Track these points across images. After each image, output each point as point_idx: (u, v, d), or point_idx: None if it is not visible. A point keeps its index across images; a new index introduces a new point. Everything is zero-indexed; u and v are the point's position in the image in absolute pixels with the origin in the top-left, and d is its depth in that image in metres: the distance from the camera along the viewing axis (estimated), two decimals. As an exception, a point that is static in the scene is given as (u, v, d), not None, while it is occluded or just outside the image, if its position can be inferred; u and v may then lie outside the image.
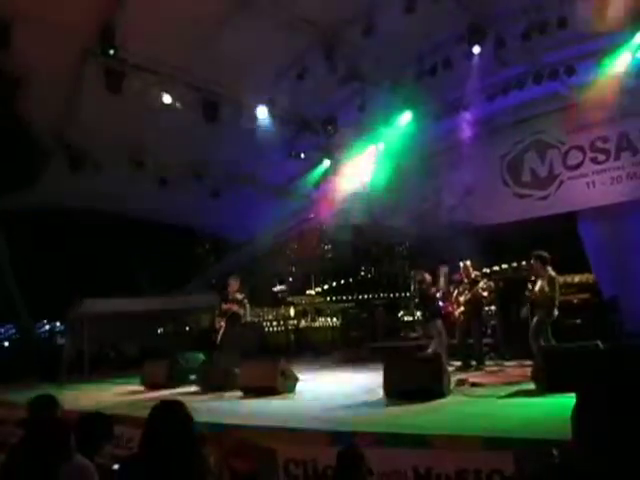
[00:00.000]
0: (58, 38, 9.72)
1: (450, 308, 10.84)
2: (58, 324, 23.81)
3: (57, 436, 3.19)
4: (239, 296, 10.56)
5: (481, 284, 10.27)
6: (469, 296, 10.22)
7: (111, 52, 9.72)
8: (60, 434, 3.23)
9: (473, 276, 10.39)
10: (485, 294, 10.34)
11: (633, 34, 10.57)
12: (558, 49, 10.88)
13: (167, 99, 11.17)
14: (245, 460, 5.64)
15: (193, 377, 10.33)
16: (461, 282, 10.52)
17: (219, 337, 10.42)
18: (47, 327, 25.45)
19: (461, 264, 10.54)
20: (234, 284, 10.71)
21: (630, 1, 9.67)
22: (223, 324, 10.41)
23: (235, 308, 10.42)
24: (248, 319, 10.77)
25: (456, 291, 10.65)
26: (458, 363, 9.93)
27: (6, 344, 22.76)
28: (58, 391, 5.09)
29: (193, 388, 9.83)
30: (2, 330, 25.77)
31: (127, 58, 10.16)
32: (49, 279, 20.09)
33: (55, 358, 14.63)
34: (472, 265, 10.55)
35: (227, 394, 8.84)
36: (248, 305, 10.60)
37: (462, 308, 10.29)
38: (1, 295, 15.81)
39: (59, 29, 9.60)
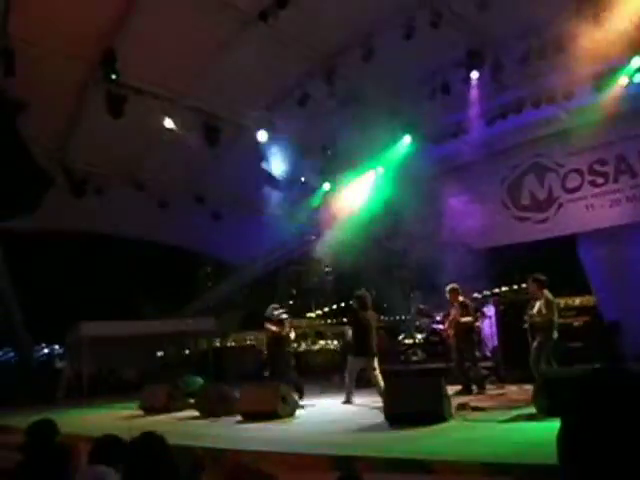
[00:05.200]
0: (61, 63, 9.86)
1: (446, 331, 10.77)
2: (57, 347, 23.69)
3: (56, 462, 3.17)
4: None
5: (456, 308, 10.19)
6: (452, 320, 10.24)
7: (113, 77, 9.83)
8: (59, 460, 3.21)
9: (461, 299, 10.31)
10: (465, 319, 10.15)
11: (630, 59, 10.69)
12: (556, 73, 10.99)
13: (169, 123, 11.27)
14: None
15: (192, 401, 10.26)
16: (453, 305, 10.43)
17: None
18: (46, 350, 25.31)
19: (447, 288, 10.46)
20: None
21: (628, 27, 9.80)
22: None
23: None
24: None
25: (450, 314, 10.59)
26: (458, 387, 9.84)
27: (5, 367, 22.60)
28: (58, 415, 5.06)
29: (193, 412, 9.76)
30: (1, 353, 25.63)
31: (129, 82, 10.28)
32: (48, 302, 20.04)
33: (53, 381, 14.55)
34: (459, 288, 10.44)
35: (227, 419, 8.77)
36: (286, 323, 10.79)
37: (452, 331, 10.28)
38: (1, 318, 15.76)
39: (62, 54, 9.75)
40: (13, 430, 8.17)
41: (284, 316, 10.64)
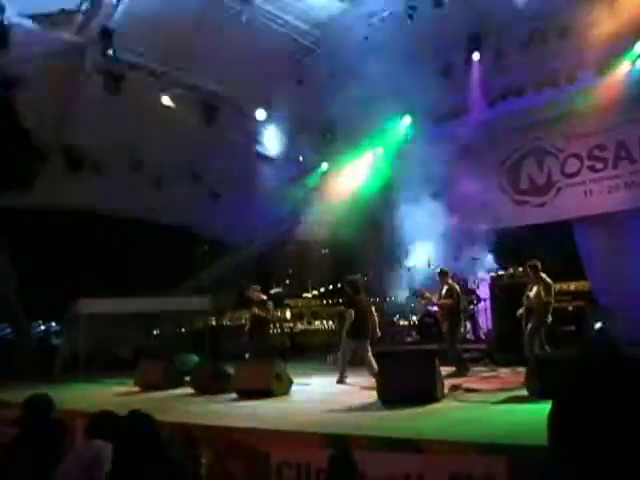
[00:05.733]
0: (57, 39, 9.75)
1: (440, 313, 10.85)
2: (53, 324, 23.74)
3: (52, 436, 3.20)
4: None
5: (443, 291, 10.26)
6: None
7: (110, 53, 9.73)
8: (55, 434, 3.23)
9: (449, 282, 10.34)
10: (443, 301, 10.16)
11: (634, 44, 10.60)
12: (559, 57, 10.90)
13: (166, 100, 11.19)
14: (238, 462, 5.64)
15: (187, 379, 10.32)
16: (442, 287, 10.46)
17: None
18: (42, 327, 25.33)
19: (437, 270, 10.51)
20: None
21: (632, 11, 9.71)
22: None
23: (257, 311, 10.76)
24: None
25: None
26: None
27: (1, 343, 22.67)
28: (54, 391, 5.08)
29: (187, 390, 9.82)
30: (-2, 329, 25.64)
31: (126, 59, 10.18)
32: (45, 279, 20.02)
33: (50, 358, 14.59)
34: (449, 271, 10.48)
35: (221, 396, 8.83)
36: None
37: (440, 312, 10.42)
38: (-1, 295, 15.75)
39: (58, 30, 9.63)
40: (9, 405, 8.21)
41: (264, 297, 10.75)
